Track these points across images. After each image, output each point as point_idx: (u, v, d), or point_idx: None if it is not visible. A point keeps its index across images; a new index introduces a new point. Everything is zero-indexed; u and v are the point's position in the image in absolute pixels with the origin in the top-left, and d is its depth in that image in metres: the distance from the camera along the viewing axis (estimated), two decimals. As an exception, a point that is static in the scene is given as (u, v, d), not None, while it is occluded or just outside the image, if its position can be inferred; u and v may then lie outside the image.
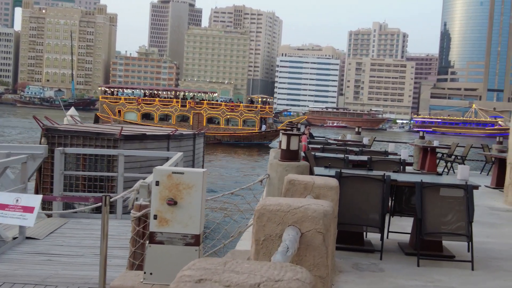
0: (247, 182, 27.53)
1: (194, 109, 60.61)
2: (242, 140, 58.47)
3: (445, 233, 5.69)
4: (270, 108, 62.66)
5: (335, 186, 5.06)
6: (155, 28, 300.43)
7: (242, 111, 60.65)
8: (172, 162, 7.94)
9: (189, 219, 4.60)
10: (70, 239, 8.16)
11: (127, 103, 61.84)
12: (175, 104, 61.12)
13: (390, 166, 8.59)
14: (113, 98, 63.03)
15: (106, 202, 5.18)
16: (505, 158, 13.06)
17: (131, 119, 59.11)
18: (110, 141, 12.38)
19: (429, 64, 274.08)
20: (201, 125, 58.97)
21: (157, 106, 61.27)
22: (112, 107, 61.05)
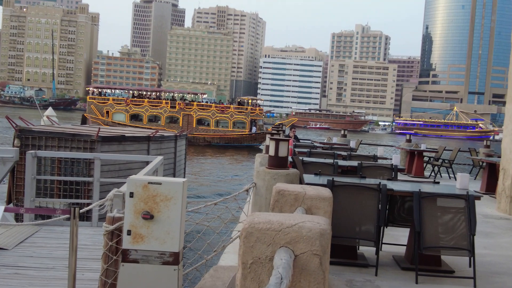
0: (233, 187, 26.91)
1: (184, 111, 59.93)
2: (232, 142, 57.94)
3: (446, 247, 5.27)
4: (261, 110, 62.25)
5: (329, 197, 4.61)
6: (137, 28, 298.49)
7: (232, 112, 60.04)
8: (151, 167, 7.42)
9: (167, 235, 4.12)
10: (41, 249, 7.61)
11: (116, 104, 60.95)
12: (164, 105, 60.38)
13: (382, 173, 8.19)
14: (101, 98, 62.05)
15: (74, 214, 4.67)
16: (495, 163, 12.76)
17: (120, 120, 58.42)
18: (86, 143, 11.81)
19: (411, 67, 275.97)
20: (190, 127, 58.49)
21: (146, 107, 60.49)
22: (100, 107, 60.18)
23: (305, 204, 4.64)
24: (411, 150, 16.20)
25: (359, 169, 8.01)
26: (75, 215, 4.68)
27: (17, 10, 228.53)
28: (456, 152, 16.18)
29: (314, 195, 4.62)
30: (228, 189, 28.04)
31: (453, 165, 16.15)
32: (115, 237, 4.73)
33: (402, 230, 6.56)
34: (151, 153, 13.65)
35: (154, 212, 4.12)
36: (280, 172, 5.15)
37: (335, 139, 17.06)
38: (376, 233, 5.36)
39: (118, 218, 4.75)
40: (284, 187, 4.68)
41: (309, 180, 5.75)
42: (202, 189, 25.91)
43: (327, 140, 17.14)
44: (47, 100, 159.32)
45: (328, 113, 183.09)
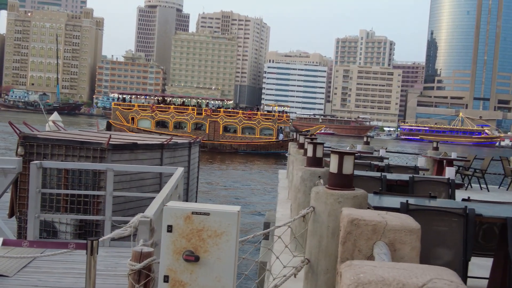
0: (266, 203, 25.47)
1: (210, 117, 59.17)
2: (259, 150, 57.05)
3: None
4: (288, 116, 61.63)
5: (416, 228, 3.62)
6: (142, 32, 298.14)
7: (259, 119, 59.19)
8: (174, 182, 6.42)
9: (217, 282, 3.11)
10: (48, 276, 6.60)
11: (141, 110, 60.20)
12: (190, 112, 59.61)
13: (435, 188, 7.16)
14: (126, 105, 61.26)
15: (92, 250, 3.67)
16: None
17: (145, 127, 57.80)
18: (96, 151, 10.81)
19: (415, 72, 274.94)
20: (217, 134, 57.90)
21: (172, 113, 59.67)
22: (125, 114, 59.50)
23: (386, 238, 3.64)
24: (440, 159, 15.16)
25: (411, 184, 7.00)
26: (92, 251, 3.68)
27: (22, 14, 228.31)
28: (489, 161, 15.14)
29: (397, 225, 3.61)
30: (258, 201, 26.91)
31: (485, 174, 15.10)
32: (142, 278, 3.72)
33: (480, 259, 5.51)
34: (165, 162, 12.67)
35: (200, 252, 3.12)
36: (346, 193, 4.15)
37: (359, 146, 16.06)
38: (463, 269, 4.35)
39: (147, 253, 3.74)
40: (358, 215, 3.67)
41: (371, 201, 4.75)
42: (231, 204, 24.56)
43: (350, 148, 16.14)
44: (51, 104, 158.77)
45: (333, 119, 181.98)
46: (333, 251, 4.15)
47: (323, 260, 4.19)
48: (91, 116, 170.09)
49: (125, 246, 7.83)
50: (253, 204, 26.08)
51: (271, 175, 38.57)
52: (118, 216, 10.29)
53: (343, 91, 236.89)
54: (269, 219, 14.04)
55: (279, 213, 8.86)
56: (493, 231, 5.19)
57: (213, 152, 56.13)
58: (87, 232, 11.02)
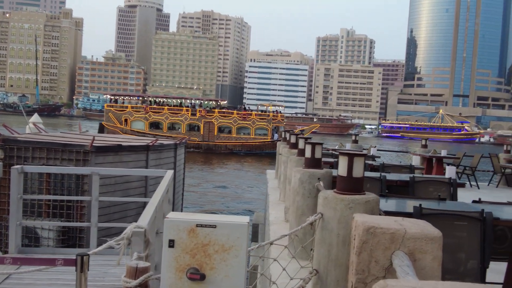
0: (254, 203, 24.81)
1: (205, 118, 58.67)
2: (254, 150, 56.68)
3: None
4: (282, 116, 61.41)
5: (438, 236, 3.32)
6: (122, 33, 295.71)
7: (254, 119, 58.93)
8: (165, 186, 6.07)
9: (226, 303, 2.78)
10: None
11: (134, 112, 59.36)
12: (185, 113, 59.04)
13: (437, 188, 6.90)
14: (119, 106, 60.41)
15: (82, 266, 3.31)
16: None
17: (139, 128, 57.10)
18: (79, 154, 10.42)
19: (395, 70, 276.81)
20: (212, 134, 57.57)
21: (166, 114, 59.01)
22: (119, 115, 58.69)
23: (406, 247, 3.33)
24: (430, 157, 14.98)
25: (411, 184, 6.73)
26: (82, 268, 3.32)
27: (0, 15, 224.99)
28: (479, 159, 15.00)
29: (417, 233, 3.31)
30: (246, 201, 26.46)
31: (475, 172, 14.95)
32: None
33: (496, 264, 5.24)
34: (150, 164, 12.30)
35: (206, 269, 2.78)
36: (357, 198, 3.84)
37: (347, 145, 15.81)
38: (481, 277, 4.07)
39: (144, 269, 3.38)
40: (375, 222, 3.36)
41: (381, 206, 4.44)
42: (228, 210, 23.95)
43: (339, 147, 15.88)
44: (30, 106, 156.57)
45: (314, 117, 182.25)
46: (344, 260, 3.85)
47: (333, 270, 3.88)
48: (72, 117, 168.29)
49: (113, 253, 7.44)
50: (241, 204, 25.77)
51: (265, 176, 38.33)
52: (103, 221, 9.89)
53: (325, 89, 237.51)
54: (258, 220, 13.72)
55: (272, 216, 8.54)
56: (505, 233, 4.93)
57: (208, 153, 55.89)
58: (71, 238, 10.61)
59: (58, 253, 8.04)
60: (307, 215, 5.97)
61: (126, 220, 10.88)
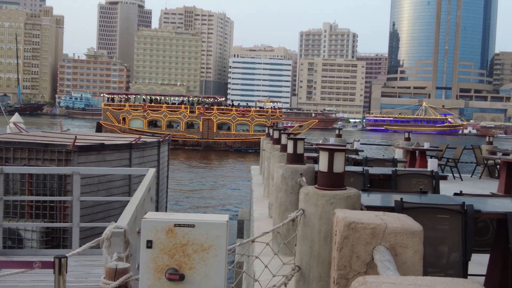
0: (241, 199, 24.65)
1: (204, 115, 58.47)
2: (253, 146, 56.63)
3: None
4: (281, 112, 61.44)
5: (419, 230, 3.32)
6: (103, 30, 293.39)
7: (253, 116, 58.94)
8: (146, 185, 6.01)
9: (206, 303, 2.75)
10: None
11: (132, 110, 58.94)
12: (183, 110, 58.79)
13: (419, 181, 6.93)
14: (116, 105, 59.92)
15: (60, 268, 3.26)
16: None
17: (137, 127, 56.69)
18: (61, 154, 10.30)
19: (379, 64, 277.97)
20: (211, 131, 57.52)
21: (164, 112, 58.69)
22: (116, 114, 58.26)
23: (387, 242, 3.33)
24: (413, 150, 15.07)
25: (394, 178, 6.74)
26: (60, 270, 3.26)
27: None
28: (461, 151, 15.11)
29: (398, 228, 3.31)
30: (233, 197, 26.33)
31: (458, 163, 15.06)
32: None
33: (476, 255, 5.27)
34: (133, 162, 12.21)
35: (185, 269, 2.75)
36: (338, 194, 3.83)
37: (331, 139, 15.83)
38: (463, 270, 4.09)
39: (123, 270, 3.34)
40: (355, 218, 3.35)
41: (362, 200, 4.44)
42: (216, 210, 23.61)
43: (323, 141, 15.90)
44: (12, 105, 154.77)
45: (299, 112, 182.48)
46: (326, 256, 3.84)
47: (316, 267, 3.87)
48: (54, 116, 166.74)
49: (96, 253, 7.38)
50: (231, 200, 25.71)
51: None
52: (87, 221, 9.81)
53: (308, 84, 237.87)
54: (243, 216, 13.70)
55: (256, 212, 8.53)
56: (487, 225, 4.96)
57: (208, 150, 55.85)
58: (55, 239, 10.51)
59: (40, 254, 7.95)
60: (290, 211, 5.94)
61: (109, 219, 10.78)
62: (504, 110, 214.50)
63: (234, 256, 8.42)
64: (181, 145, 57.09)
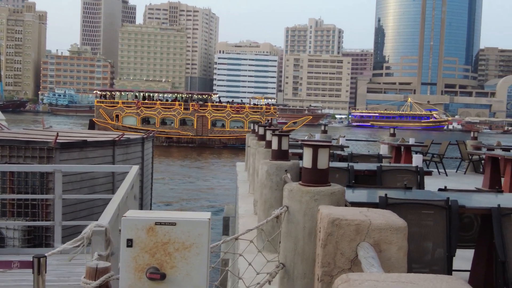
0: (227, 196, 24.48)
1: (198, 112, 58.19)
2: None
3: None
4: (275, 109, 61.46)
5: (403, 226, 3.30)
6: (87, 26, 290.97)
7: (247, 112, 58.90)
8: (129, 182, 5.93)
9: (188, 302, 2.70)
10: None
11: (126, 107, 58.44)
12: (177, 107, 58.46)
13: (404, 177, 6.92)
14: (109, 102, 59.42)
15: (39, 268, 3.18)
16: (499, 157, 11.76)
17: (130, 124, 56.30)
18: (43, 151, 10.17)
19: (364, 60, 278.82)
20: (205, 128, 57.29)
21: (158, 109, 58.31)
22: (109, 111, 57.80)
23: (371, 238, 3.30)
24: (398, 145, 15.11)
25: (379, 173, 6.73)
26: (40, 269, 3.19)
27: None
28: (446, 146, 15.19)
29: (382, 224, 3.28)
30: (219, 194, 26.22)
31: (443, 159, 15.13)
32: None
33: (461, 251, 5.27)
34: (117, 159, 12.09)
35: (166, 268, 2.69)
36: (322, 190, 3.79)
37: (317, 135, 15.82)
38: (447, 266, 4.07)
39: (104, 269, 3.27)
40: (340, 214, 3.32)
41: (347, 197, 4.41)
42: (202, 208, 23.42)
43: (308, 137, 15.89)
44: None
45: (285, 108, 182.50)
46: (311, 253, 3.80)
47: (300, 264, 3.83)
48: (37, 113, 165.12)
49: (79, 252, 7.28)
50: (215, 197, 25.65)
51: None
52: (69, 219, 9.70)
53: (294, 80, 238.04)
54: (228, 213, 13.65)
55: (241, 209, 8.48)
56: (471, 221, 4.96)
57: (202, 147, 55.71)
58: (37, 238, 10.38)
59: (22, 253, 7.84)
60: (275, 208, 5.90)
61: (93, 217, 10.69)
62: (488, 106, 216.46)
63: (219, 253, 8.37)
64: (175, 142, 57.01)
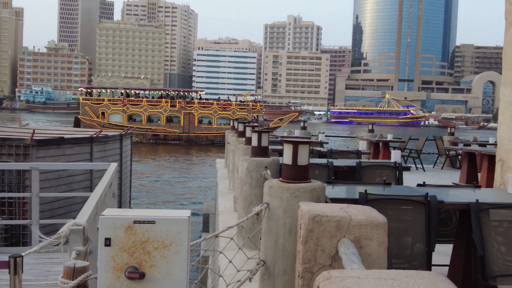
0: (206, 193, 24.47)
1: (185, 109, 57.90)
2: None
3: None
4: (261, 105, 61.49)
5: (383, 222, 3.30)
6: (64, 22, 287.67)
7: (234, 109, 58.95)
8: (108, 180, 5.86)
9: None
10: (-33, 292, 5.91)
11: (112, 105, 57.89)
12: (164, 104, 58.14)
13: (383, 173, 6.96)
14: (95, 99, 58.86)
15: (15, 268, 3.12)
16: (475, 152, 11.90)
17: (117, 121, 55.76)
18: (19, 148, 10.01)
19: (342, 56, 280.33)
20: (192, 126, 57.09)
21: (144, 107, 57.90)
22: (95, 109, 57.19)
23: (351, 234, 3.30)
24: (377, 141, 15.21)
25: (358, 169, 6.75)
26: (16, 269, 3.13)
27: None
28: (424, 142, 15.33)
29: (363, 220, 3.28)
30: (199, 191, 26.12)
31: (420, 154, 15.27)
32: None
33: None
34: (95, 156, 11.96)
35: (145, 267, 2.65)
36: (303, 186, 3.78)
37: (296, 132, 15.84)
38: (427, 261, 4.10)
39: (82, 269, 3.21)
40: (320, 211, 3.31)
41: (328, 193, 4.41)
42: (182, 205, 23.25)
43: (288, 134, 15.90)
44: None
45: (264, 104, 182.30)
46: (291, 250, 3.79)
47: (281, 260, 3.82)
48: (14, 110, 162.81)
49: (57, 251, 7.18)
50: (195, 194, 25.56)
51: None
52: (47, 218, 9.57)
53: (273, 76, 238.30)
54: (208, 210, 13.60)
55: (221, 206, 8.45)
56: (450, 216, 5.00)
57: (189, 144, 55.54)
58: (14, 236, 10.23)
59: (2, 252, 7.70)
60: (255, 205, 5.88)
61: (71, 215, 10.56)
62: (464, 102, 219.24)
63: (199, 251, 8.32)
64: (162, 139, 56.90)
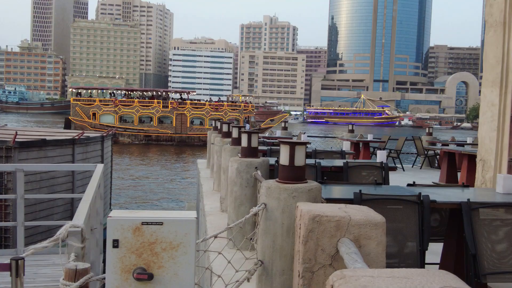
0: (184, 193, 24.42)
1: (177, 110, 57.66)
2: None
3: (509, 272, 4.16)
4: (253, 106, 61.46)
5: (381, 222, 3.36)
6: (38, 21, 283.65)
7: (226, 110, 59.09)
8: (97, 181, 5.84)
9: (176, 302, 2.68)
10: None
11: (103, 105, 57.29)
12: (156, 105, 57.80)
13: (369, 173, 7.05)
14: (86, 100, 58.06)
15: (17, 271, 3.10)
16: (455, 152, 12.10)
17: (108, 122, 55.11)
18: (1, 150, 9.88)
19: (318, 57, 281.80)
20: (184, 126, 56.82)
21: (136, 107, 57.48)
22: (86, 109, 56.54)
23: (351, 234, 3.35)
24: (357, 141, 15.36)
25: (345, 170, 6.83)
26: (18, 273, 3.11)
27: None
28: (403, 142, 15.53)
29: (362, 220, 3.34)
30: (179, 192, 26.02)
31: (400, 154, 15.47)
32: (79, 299, 3.20)
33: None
34: (77, 158, 11.86)
35: (154, 268, 2.67)
36: (300, 187, 3.83)
37: (278, 132, 15.90)
38: (420, 260, 4.18)
39: (83, 270, 3.21)
40: (320, 211, 3.36)
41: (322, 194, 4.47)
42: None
43: (270, 134, 15.95)
44: None
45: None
46: (289, 250, 3.84)
47: (278, 260, 3.86)
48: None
49: (43, 253, 7.12)
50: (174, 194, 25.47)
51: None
52: (29, 219, 9.46)
53: (250, 76, 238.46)
54: (190, 210, 13.59)
55: (207, 206, 8.47)
56: (440, 215, 5.10)
57: (181, 145, 55.27)
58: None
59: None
60: (246, 205, 5.93)
61: (53, 217, 10.47)
62: (438, 102, 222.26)
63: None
64: (154, 140, 56.63)
